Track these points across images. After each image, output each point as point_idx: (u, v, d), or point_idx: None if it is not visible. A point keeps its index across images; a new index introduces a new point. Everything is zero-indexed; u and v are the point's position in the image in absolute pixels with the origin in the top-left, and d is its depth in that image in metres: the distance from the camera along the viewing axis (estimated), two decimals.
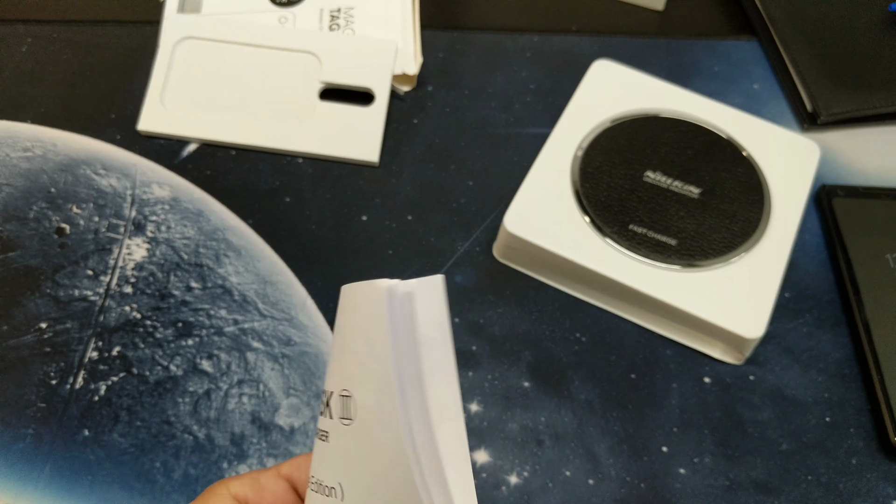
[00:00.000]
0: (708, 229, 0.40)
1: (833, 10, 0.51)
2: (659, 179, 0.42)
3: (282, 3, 0.51)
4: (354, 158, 0.45)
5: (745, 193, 0.41)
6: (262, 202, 0.44)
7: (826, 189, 0.45)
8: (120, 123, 0.46)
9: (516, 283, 0.42)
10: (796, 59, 0.49)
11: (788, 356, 0.40)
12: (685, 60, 0.51)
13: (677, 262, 0.39)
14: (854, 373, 0.39)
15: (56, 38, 0.50)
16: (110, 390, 0.37)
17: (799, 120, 0.49)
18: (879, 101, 0.47)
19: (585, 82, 0.45)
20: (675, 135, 0.43)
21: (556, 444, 0.37)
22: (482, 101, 0.49)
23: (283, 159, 0.46)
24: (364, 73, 0.47)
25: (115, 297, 0.40)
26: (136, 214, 0.43)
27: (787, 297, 0.42)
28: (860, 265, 0.41)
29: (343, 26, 0.50)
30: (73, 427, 0.36)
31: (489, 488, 0.35)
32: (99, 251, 0.42)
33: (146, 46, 0.50)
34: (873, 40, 0.50)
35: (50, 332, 0.39)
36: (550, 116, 0.47)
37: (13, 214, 0.43)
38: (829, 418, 0.38)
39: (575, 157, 0.42)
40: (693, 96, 0.45)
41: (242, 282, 0.41)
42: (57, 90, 0.48)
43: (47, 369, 0.38)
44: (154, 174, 0.45)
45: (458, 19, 0.53)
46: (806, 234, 0.44)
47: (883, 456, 0.37)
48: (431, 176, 0.45)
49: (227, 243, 0.42)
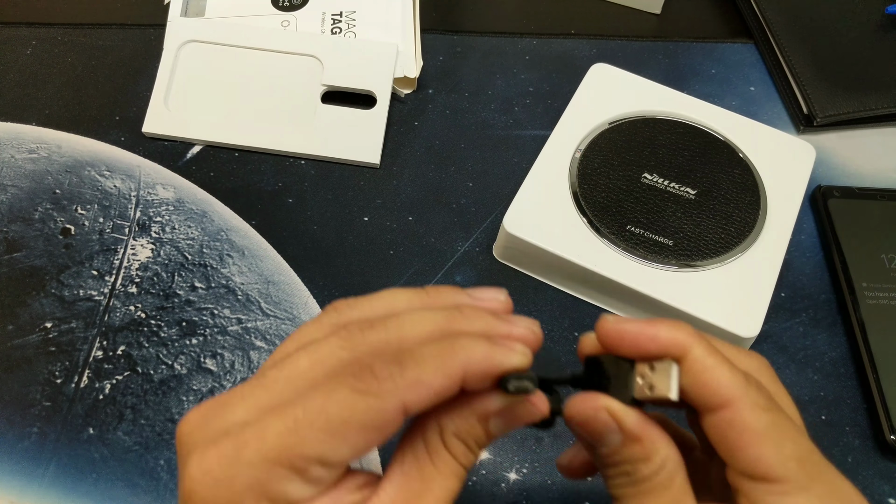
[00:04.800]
0: (704, 230, 0.40)
1: (829, 13, 0.52)
2: (656, 181, 0.42)
3: (284, 6, 0.51)
4: (356, 160, 0.46)
5: (742, 194, 0.42)
6: (265, 203, 0.44)
7: (822, 190, 0.45)
8: (124, 125, 0.47)
9: (516, 283, 0.42)
10: (792, 61, 0.50)
11: (784, 355, 0.40)
12: (682, 63, 0.52)
13: (674, 262, 0.39)
14: (849, 372, 0.40)
15: (61, 40, 0.50)
16: (115, 389, 0.38)
17: (795, 122, 0.49)
18: (875, 102, 0.48)
19: (584, 85, 0.46)
20: (671, 137, 0.44)
21: (555, 441, 0.37)
22: (482, 104, 0.49)
23: (286, 161, 0.46)
24: (365, 76, 0.47)
25: (120, 296, 0.41)
26: (141, 215, 0.43)
27: (783, 297, 0.42)
28: (855, 265, 0.42)
29: (345, 30, 0.50)
30: (77, 425, 0.37)
31: (489, 485, 0.36)
32: (104, 252, 0.42)
33: (150, 49, 0.50)
34: (869, 43, 0.50)
35: (55, 331, 0.39)
36: (549, 119, 0.48)
37: (18, 215, 0.43)
38: (825, 417, 0.38)
39: (573, 158, 0.43)
40: (690, 99, 0.45)
41: (246, 282, 0.41)
42: (62, 92, 0.48)
43: (52, 368, 0.38)
44: (158, 175, 0.45)
45: (458, 23, 0.54)
46: (802, 234, 0.44)
47: (878, 454, 0.37)
48: (432, 177, 0.46)
49: (230, 244, 0.43)
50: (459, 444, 0.22)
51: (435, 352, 0.21)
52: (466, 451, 0.22)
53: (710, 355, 0.22)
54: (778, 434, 0.22)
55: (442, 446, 0.22)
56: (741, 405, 0.22)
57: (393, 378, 0.20)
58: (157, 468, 0.36)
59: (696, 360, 0.22)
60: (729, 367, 0.22)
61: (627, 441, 0.23)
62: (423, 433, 0.22)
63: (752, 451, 0.21)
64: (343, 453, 0.20)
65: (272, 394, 0.21)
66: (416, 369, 0.20)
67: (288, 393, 0.21)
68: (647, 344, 0.22)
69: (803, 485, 0.21)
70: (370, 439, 0.20)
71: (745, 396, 0.22)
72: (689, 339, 0.22)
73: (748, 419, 0.21)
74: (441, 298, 0.24)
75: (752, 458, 0.21)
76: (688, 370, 0.22)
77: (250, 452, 0.20)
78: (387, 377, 0.20)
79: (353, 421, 0.20)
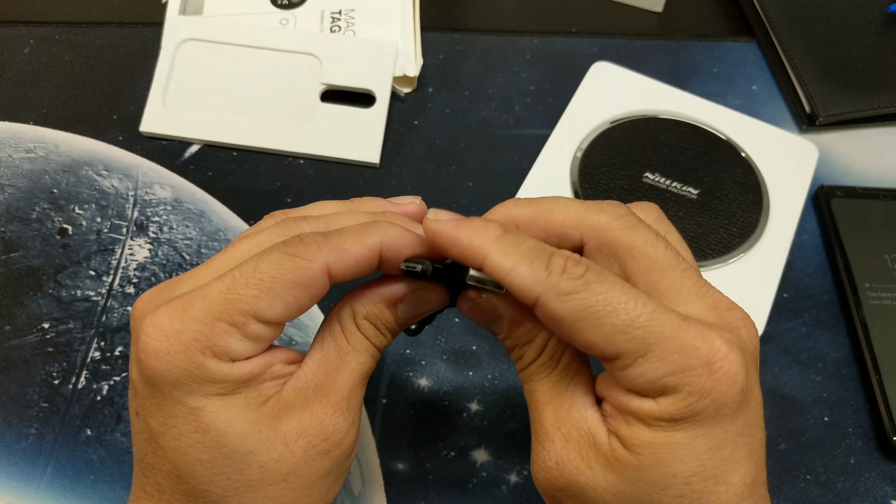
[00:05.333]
0: (706, 230, 0.40)
1: (831, 12, 0.51)
2: (658, 180, 0.42)
3: (283, 4, 0.51)
4: (355, 159, 0.46)
5: (744, 194, 0.41)
6: (264, 203, 0.44)
7: (824, 190, 0.45)
8: (122, 124, 0.47)
9: None
10: (795, 60, 0.49)
11: (787, 356, 0.40)
12: (684, 62, 0.51)
13: None
14: (852, 373, 0.39)
15: (58, 39, 0.50)
16: (112, 390, 0.37)
17: (797, 121, 0.49)
18: (878, 102, 0.47)
19: (585, 84, 0.46)
20: (673, 136, 0.43)
21: None
22: (482, 103, 0.49)
23: (285, 160, 0.46)
24: (365, 74, 0.47)
25: (118, 297, 0.40)
26: (139, 215, 0.43)
27: (786, 298, 0.42)
28: (858, 265, 0.42)
29: (344, 28, 0.50)
30: (75, 427, 0.36)
31: (489, 487, 0.36)
32: (101, 252, 0.42)
33: (148, 48, 0.50)
34: (871, 42, 0.50)
35: (52, 332, 0.39)
36: (550, 118, 0.48)
37: (16, 215, 0.43)
38: (828, 418, 0.38)
39: (574, 157, 0.43)
40: (692, 98, 0.45)
41: None
42: (59, 91, 0.48)
43: (50, 369, 0.38)
44: (156, 175, 0.45)
45: (459, 21, 0.53)
46: (804, 234, 0.44)
47: (881, 455, 0.37)
48: (432, 176, 0.46)
49: (228, 244, 0.42)
50: (370, 325, 0.25)
51: (356, 227, 0.24)
52: (377, 333, 0.26)
53: (506, 255, 0.22)
54: (593, 315, 0.21)
55: (355, 328, 0.25)
56: (547, 298, 0.22)
57: (318, 243, 0.23)
58: None
59: (492, 266, 0.22)
60: (527, 263, 0.22)
61: (511, 324, 0.25)
62: (339, 317, 0.25)
63: (579, 338, 0.22)
64: (276, 309, 0.23)
65: (214, 269, 0.24)
66: (338, 238, 0.24)
67: (228, 268, 0.23)
68: (451, 248, 0.23)
69: (640, 352, 0.21)
70: (299, 297, 0.23)
71: (548, 289, 0.21)
72: (485, 245, 0.22)
73: (559, 311, 0.21)
74: (365, 206, 0.27)
75: (582, 343, 0.22)
76: (491, 275, 0.23)
77: (195, 308, 0.22)
78: (312, 242, 0.23)
79: (283, 279, 0.23)
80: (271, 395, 0.24)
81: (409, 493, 0.35)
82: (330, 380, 0.25)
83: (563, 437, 0.23)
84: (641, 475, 0.22)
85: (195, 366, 0.22)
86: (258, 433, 0.23)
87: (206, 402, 0.23)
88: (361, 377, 0.26)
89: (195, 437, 0.23)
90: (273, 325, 0.23)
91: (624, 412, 0.22)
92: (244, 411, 0.23)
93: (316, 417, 0.24)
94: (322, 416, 0.24)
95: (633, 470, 0.22)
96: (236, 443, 0.23)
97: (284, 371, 0.24)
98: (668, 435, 0.21)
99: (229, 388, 0.23)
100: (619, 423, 0.22)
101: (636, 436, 0.22)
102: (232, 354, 0.23)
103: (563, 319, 0.22)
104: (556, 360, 0.24)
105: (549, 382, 0.24)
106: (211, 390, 0.23)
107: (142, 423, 0.24)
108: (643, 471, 0.22)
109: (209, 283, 0.23)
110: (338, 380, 0.25)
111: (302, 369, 0.25)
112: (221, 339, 0.22)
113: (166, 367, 0.22)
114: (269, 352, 0.24)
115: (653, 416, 0.21)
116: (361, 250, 0.24)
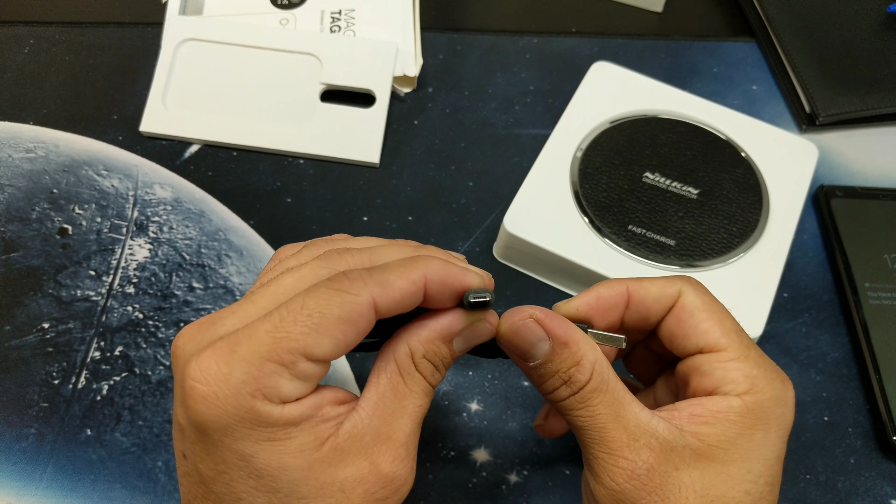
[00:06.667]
0: (706, 230, 0.40)
1: (831, 12, 0.51)
2: (658, 180, 0.42)
3: (283, 5, 0.51)
4: (355, 159, 0.46)
5: (744, 194, 0.41)
6: (264, 203, 0.44)
7: (824, 189, 0.45)
8: (122, 124, 0.47)
9: (516, 283, 0.42)
10: (794, 60, 0.49)
11: (787, 356, 0.40)
12: (684, 62, 0.51)
13: (676, 262, 0.39)
14: (852, 372, 0.39)
15: (58, 39, 0.50)
16: (112, 390, 0.37)
17: (797, 121, 0.49)
18: (877, 102, 0.47)
19: (585, 84, 0.46)
20: (673, 136, 0.43)
21: (556, 443, 0.37)
22: (482, 103, 0.49)
23: (285, 160, 0.46)
24: (365, 74, 0.47)
25: (118, 297, 0.40)
26: (138, 215, 0.43)
27: (786, 297, 0.42)
28: (858, 265, 0.42)
29: (344, 28, 0.50)
30: (75, 426, 0.36)
31: (489, 487, 0.36)
32: (101, 252, 0.42)
33: (148, 48, 0.50)
34: (871, 42, 0.50)
35: (52, 332, 0.39)
36: (550, 117, 0.48)
37: (15, 215, 0.43)
38: (828, 417, 0.38)
39: (574, 157, 0.42)
40: (692, 98, 0.45)
41: (244, 282, 0.41)
42: (59, 91, 0.48)
43: (49, 369, 0.38)
44: (156, 175, 0.45)
45: (458, 21, 0.53)
46: (804, 234, 0.44)
47: (881, 455, 0.37)
48: (432, 177, 0.46)
49: (228, 244, 0.42)
50: (428, 364, 0.25)
51: (399, 262, 0.24)
52: (434, 371, 0.25)
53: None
54: (719, 311, 0.27)
55: (413, 368, 0.25)
56: (685, 293, 0.27)
57: (363, 278, 0.23)
58: (155, 469, 0.35)
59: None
60: (661, 285, 0.27)
61: (556, 346, 0.25)
62: (396, 357, 0.25)
63: (703, 325, 0.26)
64: (325, 346, 0.22)
65: (259, 306, 0.23)
66: (383, 273, 0.23)
67: (273, 304, 0.23)
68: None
69: (743, 353, 0.25)
70: (347, 333, 0.23)
71: (687, 288, 0.27)
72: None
73: (694, 301, 0.27)
74: (408, 244, 0.28)
75: (703, 331, 0.26)
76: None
77: (243, 350, 0.22)
78: (357, 277, 0.23)
79: (331, 314, 0.22)
80: (326, 438, 0.23)
81: (408, 492, 0.35)
82: (387, 425, 0.24)
83: (645, 447, 0.24)
84: (724, 469, 0.24)
85: (245, 410, 0.22)
86: (314, 479, 0.23)
87: (259, 448, 0.22)
88: (419, 420, 0.25)
89: (249, 483, 0.22)
90: (321, 363, 0.23)
91: (706, 412, 0.25)
92: (298, 457, 0.22)
93: (375, 465, 0.24)
94: (381, 464, 0.24)
95: (719, 464, 0.24)
96: (291, 488, 0.22)
97: (335, 412, 0.24)
98: (749, 433, 0.25)
99: (281, 433, 0.22)
100: (699, 424, 0.25)
101: (723, 433, 0.24)
102: (282, 395, 0.22)
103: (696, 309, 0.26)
104: (607, 380, 0.25)
105: (608, 402, 0.25)
106: (262, 435, 0.22)
107: (190, 466, 0.23)
108: (728, 464, 0.24)
109: (255, 323, 0.22)
110: (396, 424, 0.24)
111: (357, 413, 0.24)
112: (271, 380, 0.22)
113: (216, 412, 0.22)
114: (318, 392, 0.24)
115: (738, 413, 0.24)
116: (406, 284, 0.23)
